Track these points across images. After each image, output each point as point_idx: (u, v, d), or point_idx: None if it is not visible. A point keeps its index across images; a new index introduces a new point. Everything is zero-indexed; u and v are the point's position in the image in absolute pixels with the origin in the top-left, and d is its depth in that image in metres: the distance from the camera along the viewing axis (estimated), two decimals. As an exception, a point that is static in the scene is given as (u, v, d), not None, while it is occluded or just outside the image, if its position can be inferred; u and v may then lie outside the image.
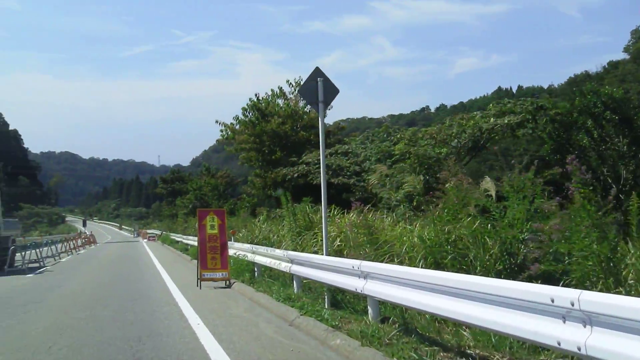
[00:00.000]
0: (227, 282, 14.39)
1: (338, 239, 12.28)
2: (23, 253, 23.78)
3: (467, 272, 8.01)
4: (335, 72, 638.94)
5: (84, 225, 71.51)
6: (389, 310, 8.24)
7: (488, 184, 10.05)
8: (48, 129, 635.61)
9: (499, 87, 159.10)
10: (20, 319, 9.71)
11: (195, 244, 27.62)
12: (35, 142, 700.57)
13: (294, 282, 11.24)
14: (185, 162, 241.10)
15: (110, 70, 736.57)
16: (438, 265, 8.68)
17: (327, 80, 9.86)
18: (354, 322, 7.81)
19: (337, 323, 7.76)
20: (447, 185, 10.30)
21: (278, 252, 12.46)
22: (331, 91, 9.93)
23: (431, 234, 9.29)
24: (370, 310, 7.76)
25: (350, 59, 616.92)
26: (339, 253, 11.40)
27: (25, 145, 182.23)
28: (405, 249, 9.56)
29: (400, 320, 7.59)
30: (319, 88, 9.74)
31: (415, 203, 17.57)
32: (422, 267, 8.52)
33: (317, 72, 9.90)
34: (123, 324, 8.84)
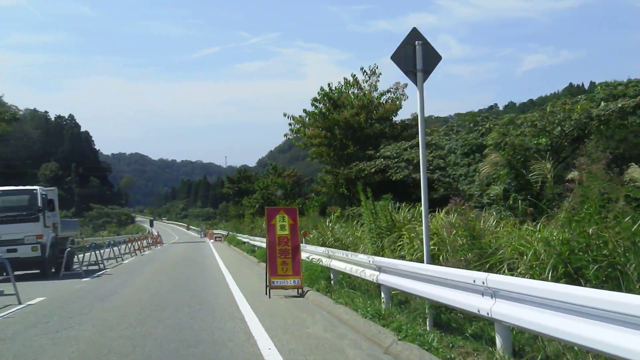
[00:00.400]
0: (300, 290, 12.67)
1: (430, 242, 10.41)
2: (82, 255, 22.84)
3: (618, 287, 6.08)
4: (400, 72, 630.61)
5: (151, 225, 71.76)
6: (515, 336, 6.31)
7: (636, 172, 7.97)
8: (119, 131, 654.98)
9: (570, 84, 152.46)
10: (57, 337, 8.22)
11: (263, 245, 26.17)
12: (106, 144, 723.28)
13: (382, 294, 9.40)
14: (252, 162, 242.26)
15: (179, 72, 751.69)
16: (571, 278, 6.74)
17: (426, 44, 7.95)
18: (475, 354, 5.91)
19: (453, 355, 5.90)
20: (572, 175, 8.29)
21: (362, 257, 10.62)
22: (432, 57, 8.02)
23: (560, 237, 7.33)
24: (498, 340, 5.82)
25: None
26: (434, 259, 9.52)
27: (97, 147, 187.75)
28: (528, 257, 7.54)
29: (541, 353, 5.66)
30: (417, 53, 7.85)
31: (511, 201, 15.48)
32: (551, 280, 6.60)
33: (415, 35, 8.00)
34: (178, 348, 7.22)
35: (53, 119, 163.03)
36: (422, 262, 8.69)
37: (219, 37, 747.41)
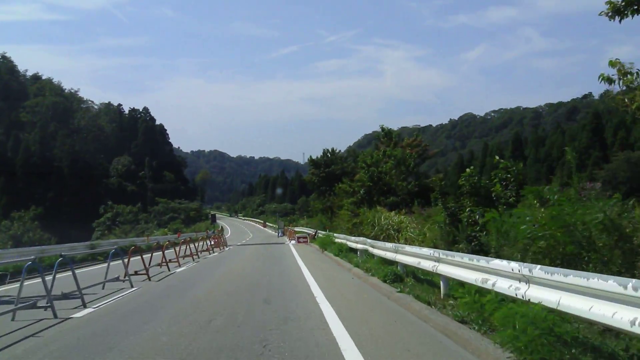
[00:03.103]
0: None
1: None
2: None
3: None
4: (479, 66, 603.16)
5: (213, 221, 53.90)
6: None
7: None
8: (198, 129, 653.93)
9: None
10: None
11: (456, 273, 8.88)
12: (186, 142, 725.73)
13: None
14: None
15: (258, 72, 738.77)
16: None
17: None
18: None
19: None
20: None
21: None
22: None
23: None
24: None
25: (495, 52, 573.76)
26: None
27: (176, 145, 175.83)
28: None
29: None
30: None
31: None
32: None
33: None
34: None
35: (127, 113, 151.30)
36: None
37: (298, 36, 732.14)
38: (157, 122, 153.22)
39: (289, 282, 14.28)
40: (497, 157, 16.77)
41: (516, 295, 6.36)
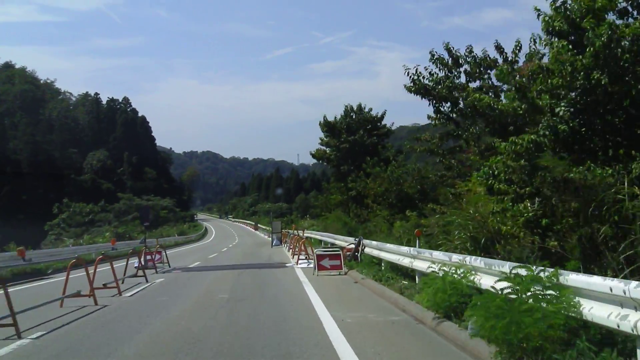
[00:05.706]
0: None
1: None
2: None
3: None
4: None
5: (144, 221, 28.15)
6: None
7: None
8: (192, 131, 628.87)
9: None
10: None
11: None
12: (179, 143, 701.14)
13: None
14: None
15: (253, 73, 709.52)
16: None
17: None
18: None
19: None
20: None
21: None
22: None
23: None
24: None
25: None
26: None
27: (169, 146, 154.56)
28: None
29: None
30: None
31: None
32: None
33: None
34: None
35: (105, 103, 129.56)
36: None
37: (293, 37, 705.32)
38: (140, 115, 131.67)
39: None
40: None
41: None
